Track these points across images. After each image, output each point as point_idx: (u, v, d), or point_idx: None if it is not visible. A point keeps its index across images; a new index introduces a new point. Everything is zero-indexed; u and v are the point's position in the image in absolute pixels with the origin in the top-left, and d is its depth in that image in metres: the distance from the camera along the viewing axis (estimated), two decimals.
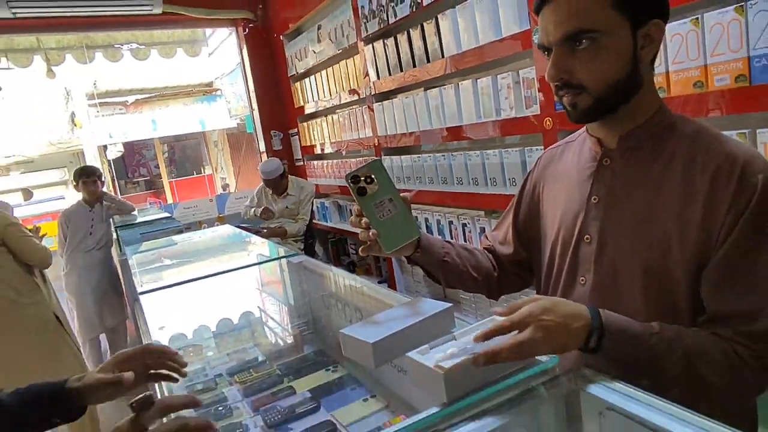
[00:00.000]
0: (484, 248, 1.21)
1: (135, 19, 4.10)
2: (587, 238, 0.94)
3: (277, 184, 3.78)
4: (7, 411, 0.77)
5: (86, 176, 3.74)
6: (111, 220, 3.92)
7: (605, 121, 0.90)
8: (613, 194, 0.92)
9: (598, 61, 0.82)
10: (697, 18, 1.36)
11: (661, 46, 1.42)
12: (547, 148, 1.15)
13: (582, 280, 0.96)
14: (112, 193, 4.45)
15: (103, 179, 3.90)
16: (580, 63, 0.83)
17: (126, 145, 11.85)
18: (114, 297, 3.82)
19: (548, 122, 1.88)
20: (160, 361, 0.90)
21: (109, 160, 11.39)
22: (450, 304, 0.99)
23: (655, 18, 0.83)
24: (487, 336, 0.75)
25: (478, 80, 2.19)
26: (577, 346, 0.77)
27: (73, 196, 4.06)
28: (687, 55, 1.40)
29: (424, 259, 1.06)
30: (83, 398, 0.83)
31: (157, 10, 3.92)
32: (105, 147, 11.31)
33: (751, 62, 1.28)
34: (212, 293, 1.88)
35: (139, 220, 4.06)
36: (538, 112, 1.92)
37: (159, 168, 13.50)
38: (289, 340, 1.84)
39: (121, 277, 3.80)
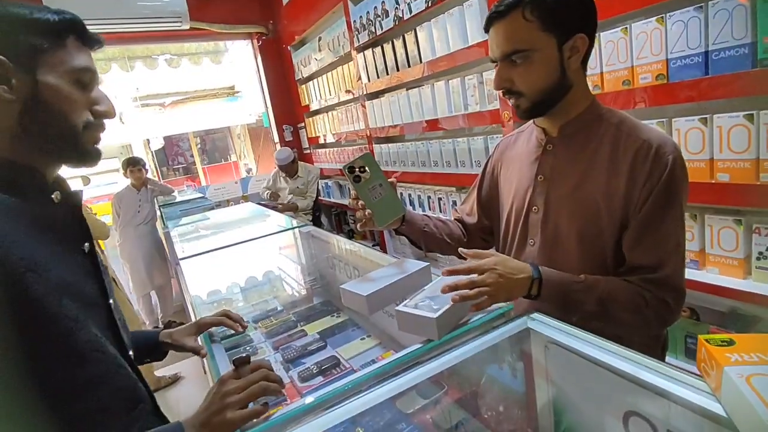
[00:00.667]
0: (455, 219, 1.21)
1: (167, 33, 3.95)
2: (535, 209, 0.95)
3: (289, 169, 3.74)
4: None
5: (132, 165, 3.69)
6: (155, 200, 3.86)
7: (546, 115, 0.90)
8: (554, 173, 0.92)
9: (531, 72, 0.83)
10: (626, 27, 1.34)
11: (596, 51, 1.41)
12: (504, 136, 1.14)
13: (531, 242, 0.97)
14: (155, 179, 4.35)
15: (146, 167, 3.83)
16: (517, 75, 0.84)
17: (165, 138, 11.58)
18: (160, 261, 3.80)
19: (506, 115, 1.86)
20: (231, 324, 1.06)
21: (152, 151, 11.16)
22: (427, 263, 1.00)
23: (579, 33, 0.82)
24: (452, 273, 0.80)
25: (450, 81, 2.15)
26: (522, 293, 0.80)
27: (123, 182, 3.98)
28: (618, 58, 1.38)
29: (408, 230, 1.07)
30: (168, 347, 1.00)
31: (185, 26, 3.78)
32: (148, 140, 11.07)
33: (669, 64, 1.27)
34: (239, 258, 1.88)
35: (179, 199, 4.00)
36: (498, 107, 1.89)
37: (193, 157, 13.27)
38: (302, 293, 1.85)
39: (165, 245, 3.78)
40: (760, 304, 1.21)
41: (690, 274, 1.33)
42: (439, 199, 2.48)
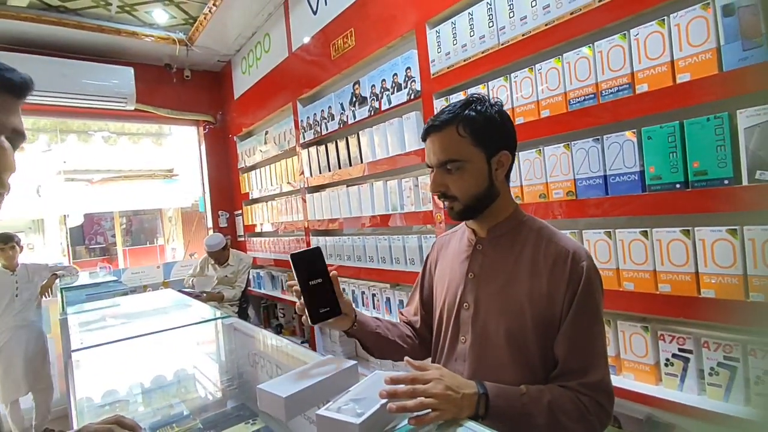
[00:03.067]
0: (403, 322, 1.19)
1: (109, 112, 3.88)
2: (466, 305, 0.96)
3: (219, 255, 3.56)
4: None
5: (3, 242, 3.10)
6: (40, 279, 3.26)
7: (476, 218, 0.96)
8: (483, 271, 0.96)
9: (464, 180, 0.91)
10: (540, 149, 1.53)
11: (516, 168, 1.58)
12: (439, 236, 1.19)
13: (462, 339, 0.96)
14: (57, 263, 3.77)
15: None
16: (451, 180, 0.91)
17: (86, 216, 10.80)
18: (42, 358, 3.19)
19: (438, 216, 1.97)
20: None
21: (67, 228, 10.25)
22: (354, 362, 0.94)
23: (504, 150, 0.93)
24: (394, 381, 0.76)
25: (388, 182, 2.28)
26: (470, 411, 0.76)
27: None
28: (534, 175, 1.56)
29: (360, 332, 1.01)
30: None
31: (131, 107, 3.77)
32: (65, 216, 10.21)
33: (576, 183, 1.44)
34: (147, 352, 1.66)
35: (88, 282, 3.59)
36: (431, 209, 2.01)
37: (115, 237, 12.34)
38: (216, 395, 1.64)
39: (46, 338, 3.26)
40: (672, 411, 1.26)
41: None
42: (373, 294, 2.45)
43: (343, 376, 0.91)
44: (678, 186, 1.21)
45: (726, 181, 1.13)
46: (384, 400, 0.73)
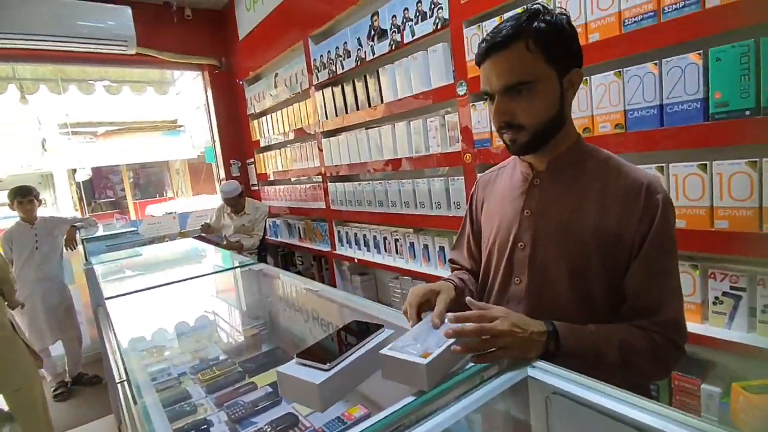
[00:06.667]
0: (455, 268, 1.11)
1: (109, 57, 3.70)
2: (521, 245, 0.90)
3: (235, 203, 3.52)
4: None
5: (21, 196, 3.01)
6: (60, 232, 3.20)
7: (539, 150, 0.87)
8: (541, 208, 0.88)
9: (534, 104, 0.80)
10: (586, 78, 1.40)
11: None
12: (483, 174, 1.11)
13: (517, 280, 0.91)
14: (76, 215, 3.72)
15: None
16: (520, 107, 0.80)
17: (94, 169, 10.74)
18: (65, 308, 3.20)
19: (468, 157, 1.87)
20: None
21: (77, 183, 10.25)
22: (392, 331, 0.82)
23: (575, 67, 0.82)
24: (459, 319, 0.72)
25: (412, 122, 2.16)
26: (539, 350, 0.72)
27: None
28: (578, 107, 1.44)
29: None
30: None
31: (131, 51, 3.57)
32: (74, 170, 10.18)
33: (627, 114, 1.33)
34: (176, 299, 1.66)
35: (106, 233, 3.59)
36: (460, 149, 1.91)
37: (125, 191, 12.37)
38: (249, 339, 1.65)
39: (70, 289, 3.29)
40: (713, 348, 1.23)
41: None
42: (396, 240, 2.41)
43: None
44: (747, 113, 1.10)
45: None
46: (450, 340, 0.69)
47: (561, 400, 0.66)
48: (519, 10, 1.54)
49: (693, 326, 1.28)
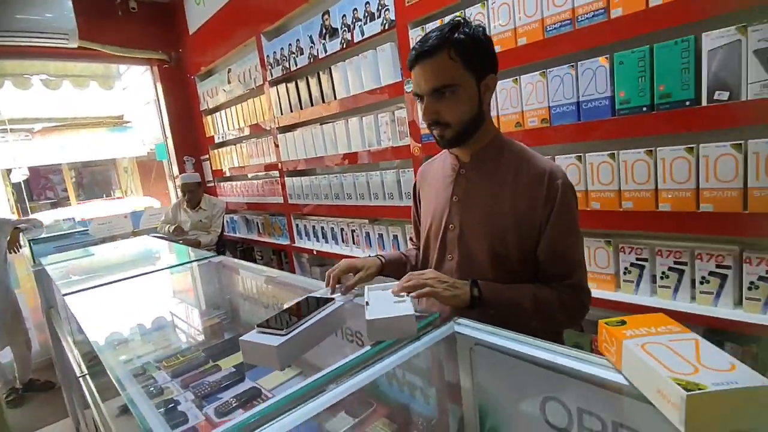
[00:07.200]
0: (415, 247, 1.29)
1: (50, 50, 3.53)
2: (451, 227, 1.04)
3: (194, 193, 3.46)
4: None
5: None
6: (2, 234, 3.02)
7: (464, 144, 1.01)
8: (467, 195, 1.02)
9: (457, 105, 0.93)
10: (517, 78, 1.56)
11: (492, 97, 1.62)
12: (422, 164, 1.24)
13: (449, 257, 1.05)
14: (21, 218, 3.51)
15: None
16: (445, 107, 0.94)
17: (31, 169, 10.04)
18: (12, 313, 3.05)
19: (416, 150, 2.00)
20: None
21: (12, 184, 9.56)
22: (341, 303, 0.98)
23: (491, 73, 0.96)
24: (400, 290, 0.89)
25: (364, 118, 2.27)
26: (466, 297, 0.88)
27: None
28: (510, 104, 1.60)
29: (389, 269, 1.14)
30: None
31: (73, 45, 3.43)
32: (9, 171, 9.48)
33: (551, 110, 1.50)
34: (138, 293, 1.68)
35: (53, 234, 3.45)
36: (409, 143, 2.04)
37: (67, 191, 11.66)
38: (211, 328, 1.70)
39: (14, 293, 3.15)
40: (626, 311, 1.44)
41: None
42: (353, 231, 2.52)
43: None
44: (645, 109, 1.29)
45: (687, 103, 1.22)
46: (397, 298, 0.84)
47: (481, 349, 0.80)
48: (458, 13, 1.69)
49: (608, 294, 1.49)
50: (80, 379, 1.48)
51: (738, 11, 1.11)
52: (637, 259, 1.42)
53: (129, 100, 8.23)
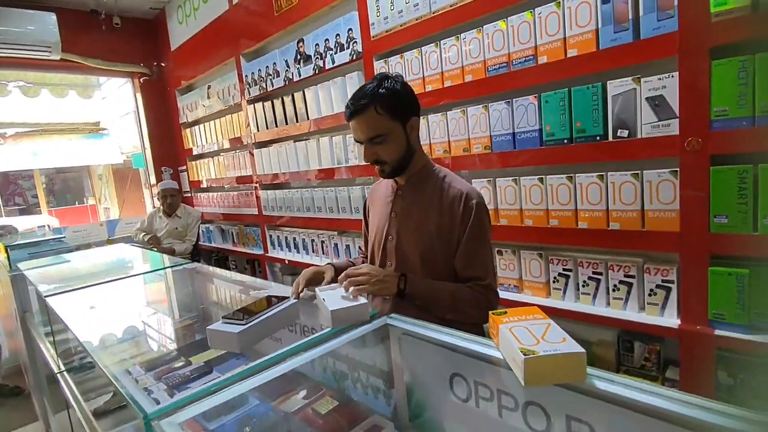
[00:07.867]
0: (363, 255, 1.47)
1: (30, 62, 3.61)
2: (390, 237, 1.24)
3: (175, 198, 3.58)
4: None
5: None
6: None
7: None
8: (403, 211, 1.24)
9: (389, 148, 1.16)
10: (464, 109, 1.78)
11: (444, 125, 1.83)
12: (373, 184, 1.44)
13: (389, 263, 1.25)
14: None
15: None
16: (380, 150, 1.16)
17: (1, 174, 9.86)
18: None
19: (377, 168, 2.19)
20: None
21: None
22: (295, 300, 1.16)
23: (413, 116, 1.18)
24: (349, 275, 1.08)
25: (333, 137, 2.46)
26: (394, 286, 1.08)
27: None
28: (459, 132, 1.82)
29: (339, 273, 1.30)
30: None
31: (56, 57, 3.53)
32: None
33: (492, 139, 1.72)
34: (114, 297, 1.80)
35: (26, 240, 3.48)
36: None
37: (37, 197, 11.43)
38: (184, 329, 1.83)
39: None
40: (555, 316, 1.64)
41: (512, 296, 1.74)
42: (322, 241, 2.69)
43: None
44: (565, 141, 1.52)
45: (598, 138, 1.45)
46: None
47: (408, 338, 0.98)
48: (401, 58, 1.89)
49: (541, 300, 1.69)
50: (58, 375, 1.59)
51: (635, 65, 1.36)
52: (564, 270, 1.64)
53: (107, 109, 8.23)
